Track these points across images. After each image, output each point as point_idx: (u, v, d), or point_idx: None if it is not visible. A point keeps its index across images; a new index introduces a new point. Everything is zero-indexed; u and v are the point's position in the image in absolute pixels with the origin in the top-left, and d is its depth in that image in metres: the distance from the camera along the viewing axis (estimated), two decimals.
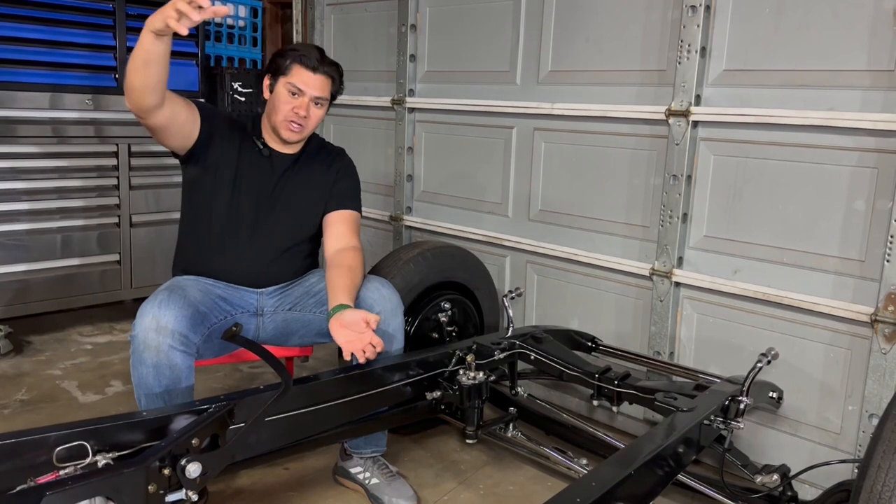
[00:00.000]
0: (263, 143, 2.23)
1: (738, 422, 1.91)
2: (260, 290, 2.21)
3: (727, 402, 1.93)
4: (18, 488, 1.39)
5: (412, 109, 3.28)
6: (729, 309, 2.37)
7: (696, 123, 2.36)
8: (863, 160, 2.07)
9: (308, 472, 2.34)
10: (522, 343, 2.38)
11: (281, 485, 2.27)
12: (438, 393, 2.17)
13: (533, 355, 2.36)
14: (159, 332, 1.81)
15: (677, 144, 2.39)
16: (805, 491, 2.11)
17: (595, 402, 2.30)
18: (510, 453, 2.46)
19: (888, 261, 2.00)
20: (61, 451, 1.45)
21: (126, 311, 3.73)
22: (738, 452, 2.07)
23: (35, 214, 3.25)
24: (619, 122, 2.57)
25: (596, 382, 2.21)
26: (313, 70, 2.13)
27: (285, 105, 2.12)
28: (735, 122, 2.28)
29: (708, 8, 2.30)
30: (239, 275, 2.17)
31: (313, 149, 2.32)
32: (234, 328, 1.92)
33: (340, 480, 2.27)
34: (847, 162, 2.10)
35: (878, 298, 2.03)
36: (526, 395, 2.49)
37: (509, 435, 2.36)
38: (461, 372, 2.17)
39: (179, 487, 1.51)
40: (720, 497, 1.99)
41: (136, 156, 3.51)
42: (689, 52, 2.33)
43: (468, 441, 2.24)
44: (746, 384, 1.94)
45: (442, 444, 2.57)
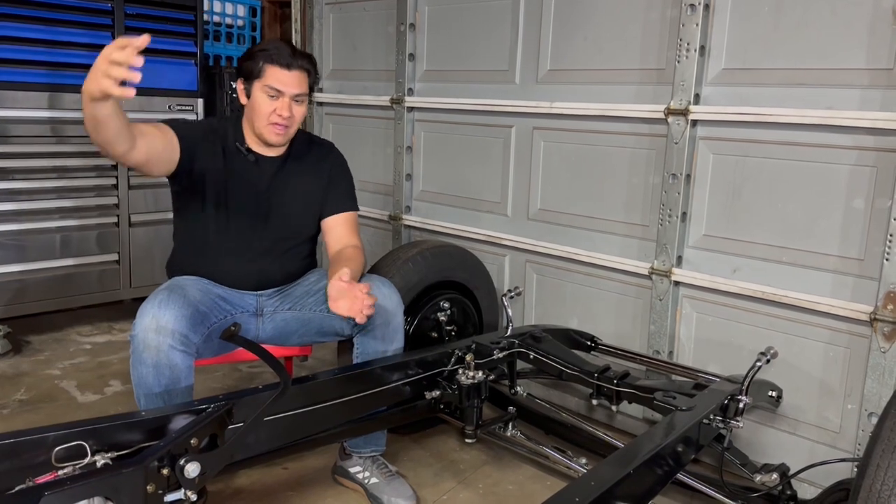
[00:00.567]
0: (248, 149, 2.16)
1: (737, 421, 1.92)
2: (260, 293, 2.20)
3: (726, 401, 1.93)
4: (17, 488, 1.39)
5: (411, 109, 3.27)
6: (728, 308, 2.37)
7: (695, 122, 2.36)
8: (862, 159, 2.06)
9: (307, 472, 2.34)
10: (522, 342, 2.38)
11: (280, 484, 2.26)
12: (437, 392, 2.17)
13: (532, 354, 2.36)
14: (159, 331, 1.80)
15: (676, 143, 2.39)
16: (804, 490, 2.10)
17: (594, 402, 2.30)
18: (509, 452, 2.46)
19: (887, 259, 2.00)
20: (60, 451, 1.45)
21: (125, 310, 3.72)
22: (738, 451, 2.07)
23: (34, 214, 3.25)
24: (618, 121, 2.56)
25: (595, 382, 2.21)
26: (288, 67, 2.05)
27: (266, 108, 2.06)
28: (734, 120, 2.28)
29: (707, 6, 2.30)
30: (237, 282, 2.16)
31: (301, 146, 2.26)
32: (232, 328, 1.92)
33: (340, 480, 2.27)
34: (846, 160, 2.09)
35: (877, 297, 2.03)
36: (525, 395, 2.49)
37: (508, 434, 2.36)
38: (460, 371, 2.17)
39: (178, 487, 1.51)
40: (719, 496, 1.99)
41: None
42: (688, 50, 2.33)
43: (467, 440, 2.24)
44: (746, 383, 1.94)
45: (441, 443, 2.57)
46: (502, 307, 2.54)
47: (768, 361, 1.97)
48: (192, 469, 1.50)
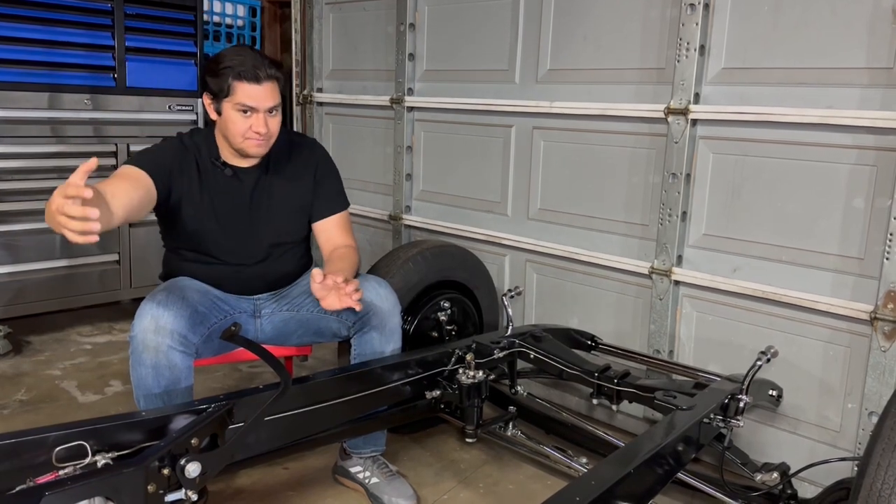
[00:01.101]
0: (224, 164, 2.08)
1: (737, 420, 1.91)
2: (257, 296, 2.20)
3: (727, 401, 1.93)
4: (18, 488, 1.39)
5: (411, 108, 3.27)
6: (728, 307, 2.37)
7: (694, 121, 2.36)
8: (862, 158, 2.06)
9: (307, 472, 2.34)
10: (522, 342, 2.38)
11: (280, 484, 2.27)
12: (438, 392, 2.17)
13: (532, 354, 2.36)
14: (158, 332, 1.80)
15: (676, 143, 2.39)
16: (805, 489, 2.10)
17: (595, 401, 2.30)
18: (510, 452, 2.46)
19: (887, 258, 2.00)
20: (61, 451, 1.45)
21: (125, 310, 3.72)
22: (738, 450, 2.07)
23: (34, 214, 3.24)
24: (618, 121, 2.56)
25: (595, 381, 2.21)
26: (257, 81, 1.94)
27: (241, 127, 1.97)
28: (734, 120, 2.28)
29: (707, 6, 2.30)
30: (236, 291, 2.15)
31: (280, 151, 2.15)
32: (232, 328, 1.92)
33: (340, 480, 2.27)
34: (846, 160, 2.09)
35: (877, 296, 2.03)
36: (525, 394, 2.49)
37: (509, 434, 2.36)
38: (461, 371, 2.17)
39: (179, 487, 1.51)
40: (720, 495, 1.99)
41: None
42: (687, 50, 2.33)
43: (468, 440, 2.24)
44: (746, 382, 1.94)
45: (441, 443, 2.57)
46: (502, 307, 2.53)
47: (768, 361, 1.97)
48: (192, 469, 1.50)
